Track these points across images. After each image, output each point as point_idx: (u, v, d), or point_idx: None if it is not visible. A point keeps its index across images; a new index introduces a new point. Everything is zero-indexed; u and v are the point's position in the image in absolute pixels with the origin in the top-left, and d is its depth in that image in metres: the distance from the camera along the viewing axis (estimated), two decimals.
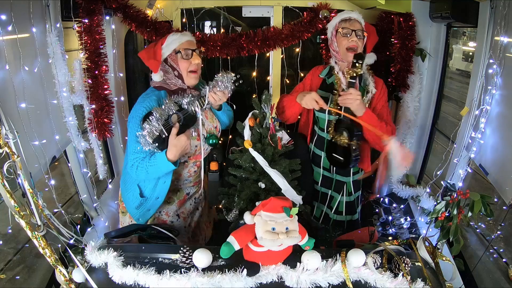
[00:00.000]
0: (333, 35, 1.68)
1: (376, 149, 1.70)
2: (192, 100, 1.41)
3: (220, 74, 1.46)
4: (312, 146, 1.87)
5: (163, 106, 1.34)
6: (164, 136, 1.32)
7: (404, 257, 1.15)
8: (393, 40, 1.93)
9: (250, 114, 1.56)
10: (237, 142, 1.59)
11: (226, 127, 1.76)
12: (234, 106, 1.73)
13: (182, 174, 1.63)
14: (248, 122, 1.54)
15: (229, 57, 2.10)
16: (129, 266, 1.12)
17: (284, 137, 1.59)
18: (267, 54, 2.20)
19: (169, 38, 1.47)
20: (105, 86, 1.77)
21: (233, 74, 1.48)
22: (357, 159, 1.66)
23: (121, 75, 2.12)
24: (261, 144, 1.55)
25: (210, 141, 1.55)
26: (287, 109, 1.74)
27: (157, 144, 1.33)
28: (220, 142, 2.14)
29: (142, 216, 1.59)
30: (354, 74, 1.54)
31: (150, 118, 1.30)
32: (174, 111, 1.35)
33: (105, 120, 1.79)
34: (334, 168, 1.82)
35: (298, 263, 1.13)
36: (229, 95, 1.50)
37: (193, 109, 1.41)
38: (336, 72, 1.70)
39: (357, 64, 1.52)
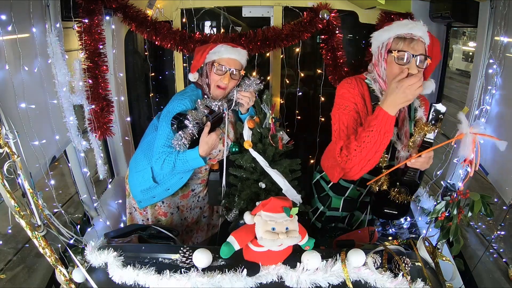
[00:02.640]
0: (380, 54, 1.25)
1: None
2: (222, 103, 1.49)
3: (244, 78, 1.57)
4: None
5: (196, 108, 1.45)
6: (195, 137, 1.42)
7: (404, 257, 1.15)
8: None
9: (248, 117, 1.57)
10: (239, 141, 1.59)
11: None
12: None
13: (194, 170, 1.66)
14: (247, 124, 1.54)
15: None
16: (129, 266, 1.12)
17: (284, 137, 1.59)
18: (267, 54, 2.20)
19: (218, 47, 1.53)
20: (105, 86, 1.77)
21: (256, 76, 1.57)
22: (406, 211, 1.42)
23: (121, 75, 2.12)
24: (261, 144, 1.55)
25: (233, 149, 1.61)
26: (375, 152, 1.22)
27: (189, 144, 1.43)
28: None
29: (145, 200, 1.64)
30: (433, 132, 1.18)
31: (186, 122, 1.39)
32: (205, 114, 1.44)
33: (105, 120, 1.79)
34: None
35: (298, 263, 1.13)
36: (256, 94, 1.57)
37: (222, 109, 1.49)
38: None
39: (440, 117, 1.18)
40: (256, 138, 1.55)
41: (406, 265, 1.12)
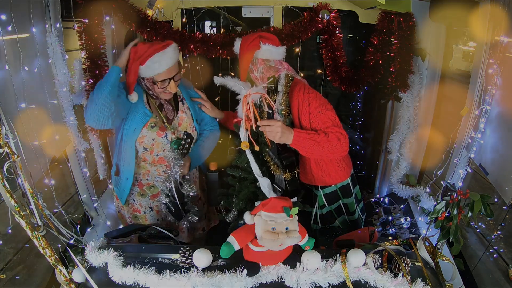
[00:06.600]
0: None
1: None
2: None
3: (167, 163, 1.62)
4: None
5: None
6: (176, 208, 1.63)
7: (404, 257, 1.15)
8: (393, 40, 1.93)
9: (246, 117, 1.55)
10: (235, 142, 1.59)
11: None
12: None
13: (151, 171, 1.69)
14: (243, 125, 1.53)
15: (229, 57, 2.10)
16: (129, 266, 1.12)
17: None
18: None
19: (150, 61, 1.48)
20: None
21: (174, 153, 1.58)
22: (296, 189, 1.55)
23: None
24: (258, 144, 1.55)
25: (174, 146, 1.63)
26: None
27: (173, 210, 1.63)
28: (220, 141, 2.14)
29: (122, 194, 1.70)
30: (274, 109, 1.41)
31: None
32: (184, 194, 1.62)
33: None
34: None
35: (298, 263, 1.13)
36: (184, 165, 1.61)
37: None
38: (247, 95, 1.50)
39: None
40: (253, 138, 1.55)
41: (406, 265, 1.12)
